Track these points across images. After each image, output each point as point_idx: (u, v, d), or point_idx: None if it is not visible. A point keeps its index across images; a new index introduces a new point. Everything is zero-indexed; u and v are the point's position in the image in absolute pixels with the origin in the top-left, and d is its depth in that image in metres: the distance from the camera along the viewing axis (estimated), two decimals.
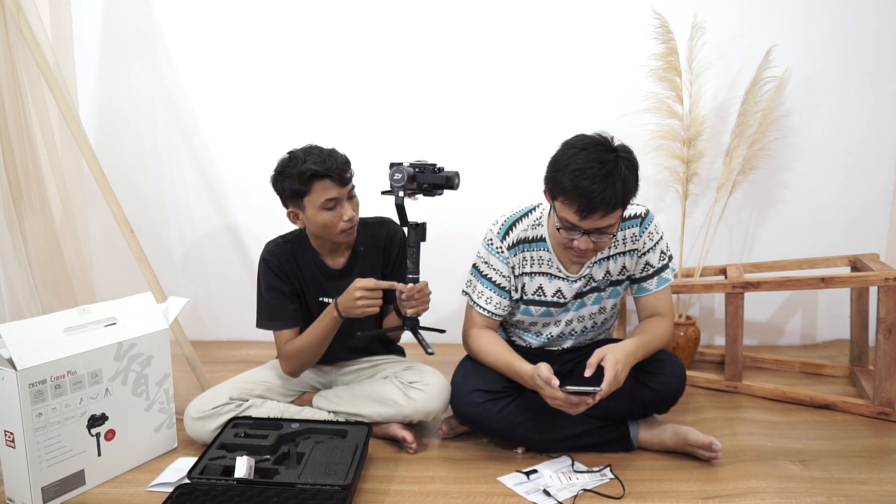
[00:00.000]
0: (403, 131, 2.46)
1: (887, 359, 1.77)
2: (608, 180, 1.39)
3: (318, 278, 1.73)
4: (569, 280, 1.64)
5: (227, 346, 2.53)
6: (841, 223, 2.39)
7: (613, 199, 1.39)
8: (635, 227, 1.61)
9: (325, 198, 1.58)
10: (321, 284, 1.74)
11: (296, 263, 1.72)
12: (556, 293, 1.65)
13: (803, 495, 1.42)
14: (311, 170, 1.56)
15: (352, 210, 1.63)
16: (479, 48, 2.38)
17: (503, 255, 1.63)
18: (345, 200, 1.62)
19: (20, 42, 1.85)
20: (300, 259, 1.72)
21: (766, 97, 2.17)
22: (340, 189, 1.59)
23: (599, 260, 1.63)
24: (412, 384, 1.67)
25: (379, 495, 1.45)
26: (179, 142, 2.53)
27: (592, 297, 1.67)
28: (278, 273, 1.70)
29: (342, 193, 1.60)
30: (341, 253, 1.75)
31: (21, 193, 1.90)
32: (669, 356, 1.64)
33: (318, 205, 1.59)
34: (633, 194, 1.47)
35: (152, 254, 2.03)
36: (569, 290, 1.64)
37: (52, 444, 1.39)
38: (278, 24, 2.42)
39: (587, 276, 1.64)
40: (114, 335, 1.52)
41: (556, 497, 1.41)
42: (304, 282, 1.73)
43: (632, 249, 1.63)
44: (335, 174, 1.57)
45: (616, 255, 1.63)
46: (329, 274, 1.74)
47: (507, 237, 1.63)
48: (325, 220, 1.61)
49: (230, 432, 1.58)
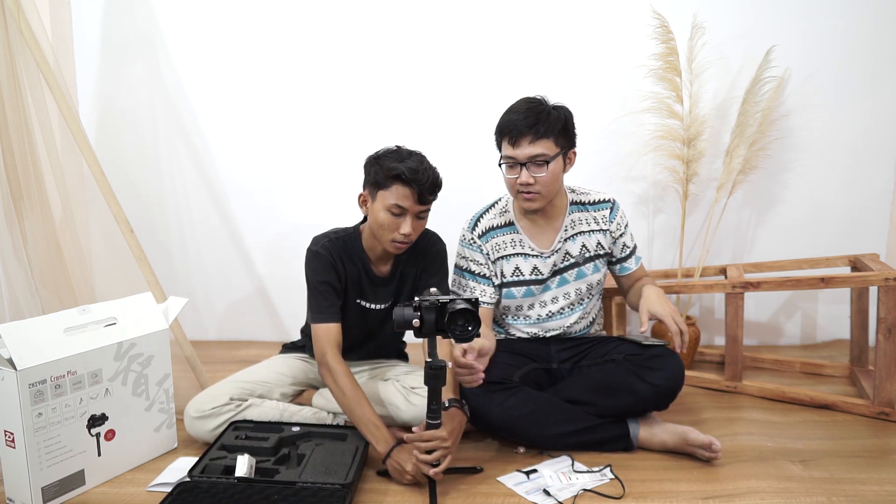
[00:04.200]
0: (403, 131, 2.46)
1: (887, 359, 1.77)
2: (531, 111, 1.59)
3: (363, 281, 1.71)
4: (542, 256, 1.75)
5: (227, 346, 2.53)
6: (841, 223, 2.39)
7: (537, 124, 1.58)
8: (606, 210, 1.78)
9: (396, 202, 1.55)
10: (363, 288, 1.72)
11: (344, 261, 1.69)
12: (532, 271, 1.75)
13: (803, 495, 1.41)
14: (400, 171, 1.54)
15: (412, 228, 1.58)
16: (479, 49, 2.38)
17: (476, 245, 1.76)
18: (412, 216, 1.58)
19: (20, 42, 1.85)
20: (348, 258, 1.69)
21: (766, 97, 2.18)
22: (414, 204, 1.56)
23: (573, 235, 1.76)
24: (414, 389, 1.67)
25: (379, 495, 1.45)
26: (179, 142, 2.53)
27: (573, 272, 1.77)
28: (330, 266, 1.66)
29: (413, 209, 1.57)
30: (388, 260, 1.73)
31: (21, 193, 1.90)
32: (668, 352, 1.65)
33: (387, 204, 1.56)
34: (564, 129, 1.61)
35: (152, 254, 2.03)
36: (544, 265, 1.74)
37: (52, 444, 1.39)
38: (278, 25, 2.42)
39: (561, 250, 1.74)
40: (114, 335, 1.52)
41: (556, 497, 1.41)
42: (349, 281, 1.71)
43: (605, 229, 1.78)
44: (418, 188, 1.54)
45: (590, 232, 1.77)
46: (374, 280, 1.72)
47: (477, 228, 1.78)
48: (384, 221, 1.58)
49: (231, 434, 1.58)
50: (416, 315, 1.33)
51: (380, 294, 1.71)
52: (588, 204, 1.78)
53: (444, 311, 1.33)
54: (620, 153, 2.40)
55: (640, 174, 2.42)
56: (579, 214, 1.76)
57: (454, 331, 1.32)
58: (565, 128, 1.63)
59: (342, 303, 1.68)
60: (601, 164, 2.41)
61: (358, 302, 1.72)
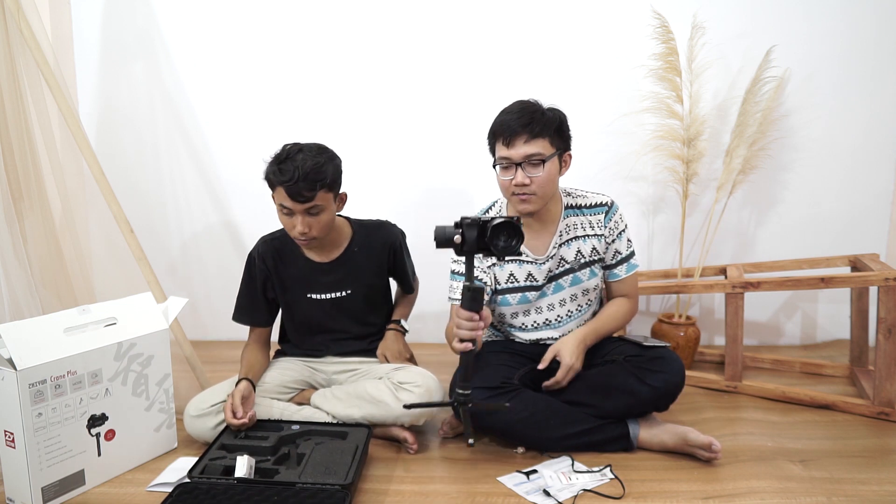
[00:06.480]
0: (403, 131, 2.46)
1: (887, 359, 1.77)
2: (525, 111, 1.59)
3: (306, 274, 1.75)
4: (537, 262, 1.71)
5: (227, 346, 2.53)
6: (841, 223, 2.39)
7: (532, 124, 1.56)
8: (601, 215, 1.74)
9: (280, 203, 1.61)
10: (309, 280, 1.75)
11: (277, 261, 1.75)
12: (527, 277, 1.72)
13: (803, 495, 1.41)
14: (267, 174, 1.60)
15: (304, 225, 1.60)
16: (479, 49, 2.38)
17: None
18: (300, 214, 1.60)
19: (20, 42, 1.85)
20: (285, 255, 1.74)
21: (766, 97, 2.17)
22: (294, 203, 1.58)
23: (568, 240, 1.72)
24: (402, 385, 1.66)
25: (379, 495, 1.45)
26: (179, 142, 2.53)
27: (569, 278, 1.74)
28: (255, 267, 1.77)
29: (296, 207, 1.59)
30: (328, 251, 1.76)
31: (21, 193, 1.90)
32: (669, 353, 1.64)
33: (277, 205, 1.63)
34: (559, 130, 1.61)
35: (152, 254, 2.03)
36: (539, 272, 1.72)
37: (52, 444, 1.39)
38: (278, 24, 2.42)
39: (556, 256, 1.72)
40: (114, 335, 1.52)
41: (556, 497, 1.41)
42: (290, 280, 1.73)
43: (599, 234, 1.74)
44: (287, 188, 1.56)
45: (584, 237, 1.73)
46: (319, 268, 1.75)
47: None
48: (281, 221, 1.65)
49: (230, 433, 1.58)
50: (457, 232, 1.31)
51: (329, 283, 1.74)
52: (584, 207, 1.74)
53: (486, 228, 1.31)
54: (620, 153, 2.40)
55: (640, 174, 2.42)
56: (574, 219, 1.73)
57: (497, 245, 1.30)
58: (560, 129, 1.62)
59: (287, 301, 1.78)
60: (601, 164, 2.41)
61: (309, 297, 1.76)
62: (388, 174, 2.49)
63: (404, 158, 2.48)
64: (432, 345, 2.53)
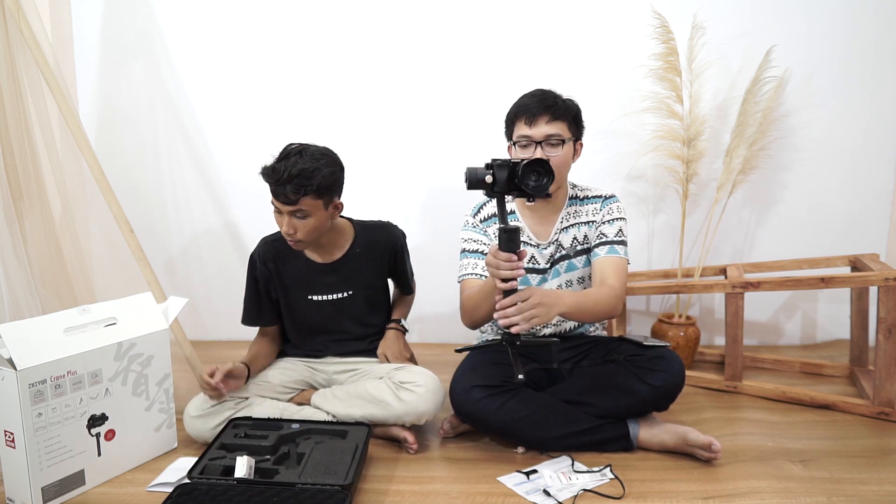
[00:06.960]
0: (402, 131, 2.46)
1: (887, 359, 1.77)
2: (547, 96, 1.65)
3: (307, 275, 1.75)
4: (540, 247, 1.75)
5: (227, 346, 2.53)
6: (841, 223, 2.39)
7: (554, 107, 1.62)
8: (598, 203, 1.77)
9: (272, 200, 1.62)
10: (309, 281, 1.75)
11: (278, 262, 1.76)
12: (529, 260, 1.76)
13: (803, 495, 1.41)
14: (262, 172, 1.60)
15: (290, 228, 1.61)
16: (478, 49, 2.38)
17: (479, 228, 1.77)
18: (286, 215, 1.61)
19: (20, 42, 1.85)
20: (286, 256, 1.74)
21: (766, 97, 2.18)
22: (281, 204, 1.60)
23: (567, 227, 1.76)
24: (403, 384, 1.65)
25: (379, 495, 1.45)
26: (179, 142, 2.53)
27: (564, 264, 1.77)
28: (256, 268, 1.77)
29: (282, 208, 1.60)
30: (329, 251, 1.76)
31: (21, 193, 1.90)
32: (669, 353, 1.64)
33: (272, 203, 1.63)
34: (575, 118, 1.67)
35: (152, 254, 2.03)
36: (541, 256, 1.76)
37: (52, 444, 1.39)
38: (278, 24, 2.42)
39: (556, 241, 1.75)
40: (114, 335, 1.52)
41: (556, 497, 1.41)
42: (290, 280, 1.73)
43: (592, 221, 1.77)
44: (274, 188, 1.58)
45: (580, 224, 1.76)
46: (317, 269, 1.75)
47: (479, 214, 1.79)
48: (275, 219, 1.66)
49: (230, 433, 1.58)
50: (488, 172, 1.32)
51: (330, 284, 1.74)
52: (585, 199, 1.79)
53: (517, 167, 1.31)
54: (620, 153, 2.40)
55: (640, 174, 2.42)
56: (575, 208, 1.77)
57: (528, 184, 1.31)
58: (577, 117, 1.68)
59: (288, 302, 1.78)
60: (601, 164, 2.41)
61: (310, 298, 1.76)
62: (388, 175, 2.49)
63: (405, 159, 2.48)
64: (432, 345, 2.53)
